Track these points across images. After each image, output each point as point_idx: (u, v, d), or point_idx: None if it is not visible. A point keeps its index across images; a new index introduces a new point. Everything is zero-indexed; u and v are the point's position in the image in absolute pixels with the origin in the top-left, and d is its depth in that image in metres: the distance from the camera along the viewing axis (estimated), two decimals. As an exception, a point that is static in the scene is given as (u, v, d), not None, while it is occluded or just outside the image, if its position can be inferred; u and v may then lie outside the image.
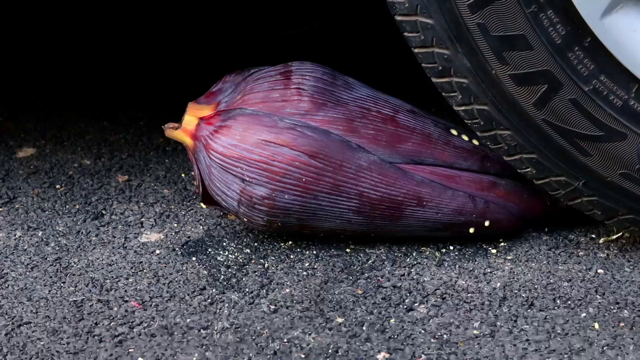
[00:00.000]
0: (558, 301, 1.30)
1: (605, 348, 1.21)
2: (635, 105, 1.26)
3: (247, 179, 1.33)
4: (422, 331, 1.24)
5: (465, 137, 1.42)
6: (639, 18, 1.23)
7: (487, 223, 1.38)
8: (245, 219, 1.36)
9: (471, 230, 1.39)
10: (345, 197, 1.34)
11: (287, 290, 1.32)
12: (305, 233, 1.39)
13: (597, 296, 1.31)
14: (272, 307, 1.28)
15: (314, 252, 1.40)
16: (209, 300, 1.29)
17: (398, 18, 1.27)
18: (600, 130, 1.27)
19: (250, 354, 1.19)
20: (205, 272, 1.35)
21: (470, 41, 1.25)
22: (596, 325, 1.25)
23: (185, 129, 1.39)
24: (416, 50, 1.29)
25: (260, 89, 1.36)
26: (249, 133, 1.33)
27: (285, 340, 1.22)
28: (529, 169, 1.33)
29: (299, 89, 1.35)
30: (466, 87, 1.29)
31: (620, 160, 1.29)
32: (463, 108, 1.31)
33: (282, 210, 1.34)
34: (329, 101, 1.36)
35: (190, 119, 1.39)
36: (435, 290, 1.32)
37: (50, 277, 1.34)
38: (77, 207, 1.51)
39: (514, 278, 1.34)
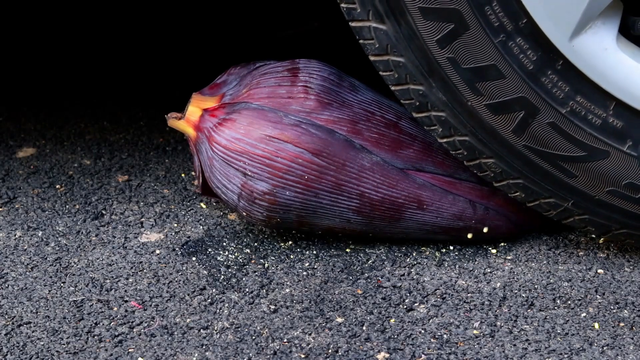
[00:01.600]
0: (558, 301, 1.30)
1: (605, 348, 1.21)
2: (614, 122, 1.25)
3: (249, 173, 1.33)
4: (422, 331, 1.24)
5: None
6: (608, 37, 1.22)
7: (485, 229, 1.38)
8: (245, 213, 1.36)
9: (469, 235, 1.39)
10: (346, 197, 1.34)
11: (287, 290, 1.32)
12: (304, 230, 1.39)
13: (597, 296, 1.31)
14: (272, 307, 1.28)
15: (314, 252, 1.40)
16: (209, 300, 1.29)
17: (371, 58, 1.29)
18: (582, 150, 1.27)
19: (250, 354, 1.19)
20: (205, 272, 1.35)
21: (443, 75, 1.25)
22: (596, 325, 1.25)
23: (188, 119, 1.39)
24: (393, 88, 1.30)
25: (267, 84, 1.36)
26: (253, 128, 1.33)
27: (285, 340, 1.22)
28: (517, 193, 1.33)
29: (305, 87, 1.35)
30: (445, 120, 1.29)
31: (606, 178, 1.28)
32: (445, 140, 1.31)
33: (282, 206, 1.34)
34: (334, 101, 1.36)
35: (194, 110, 1.39)
36: (435, 290, 1.32)
37: (50, 277, 1.34)
38: (77, 207, 1.51)
39: (514, 278, 1.34)
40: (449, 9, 1.21)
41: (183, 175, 1.60)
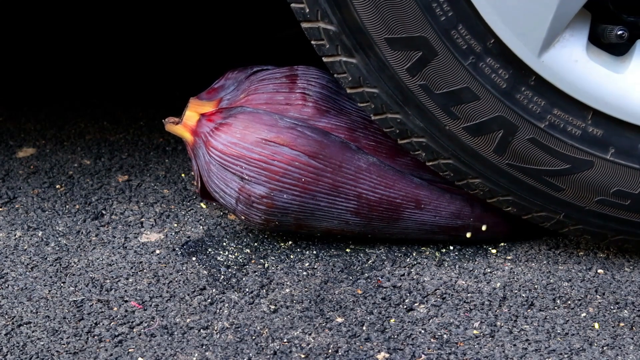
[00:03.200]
0: (558, 301, 1.30)
1: (605, 348, 1.21)
2: (594, 131, 1.25)
3: (246, 177, 1.33)
4: (422, 331, 1.24)
5: None
6: (578, 48, 1.22)
7: (484, 227, 1.38)
8: (243, 217, 1.36)
9: (468, 234, 1.39)
10: (344, 198, 1.34)
11: (287, 290, 1.32)
12: (302, 232, 1.39)
13: (597, 296, 1.31)
14: (272, 307, 1.28)
15: (314, 252, 1.40)
16: (209, 300, 1.29)
17: (348, 91, 1.29)
18: (566, 163, 1.27)
19: (250, 354, 1.19)
20: (205, 272, 1.35)
21: (417, 103, 1.25)
22: (596, 325, 1.25)
23: (185, 124, 1.39)
24: (373, 118, 1.30)
25: (265, 91, 1.36)
26: (249, 131, 1.33)
27: (285, 340, 1.22)
28: (510, 209, 1.33)
29: (303, 94, 1.36)
30: (426, 145, 1.29)
31: (593, 188, 1.28)
32: (432, 164, 1.32)
33: (280, 209, 1.34)
34: (332, 109, 1.36)
35: (191, 115, 1.39)
36: (435, 290, 1.32)
37: (50, 277, 1.34)
38: (77, 207, 1.51)
39: (514, 278, 1.34)
40: (414, 37, 1.20)
41: (183, 175, 1.60)
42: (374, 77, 1.25)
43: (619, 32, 1.23)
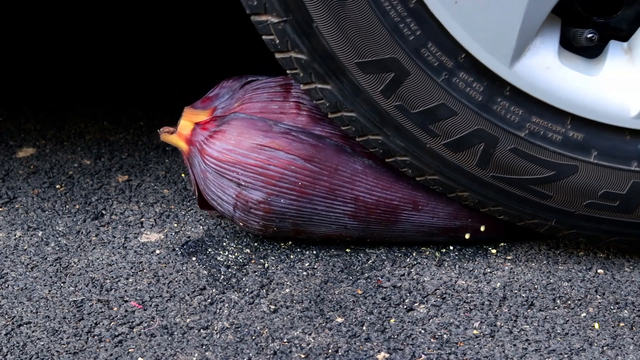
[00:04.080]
0: (558, 301, 1.30)
1: (605, 348, 1.21)
2: (575, 135, 1.24)
3: (243, 183, 1.33)
4: (422, 331, 1.24)
5: None
6: (549, 55, 1.22)
7: (482, 228, 1.38)
8: (241, 224, 1.36)
9: (467, 235, 1.39)
10: (341, 201, 1.34)
11: (287, 290, 1.32)
12: (301, 238, 1.39)
13: (597, 296, 1.31)
14: (272, 307, 1.28)
15: (314, 252, 1.40)
16: (209, 300, 1.29)
17: (329, 116, 1.29)
18: (550, 169, 1.26)
19: (250, 354, 1.19)
20: (205, 272, 1.35)
21: (395, 123, 1.26)
22: (596, 325, 1.25)
23: (180, 133, 1.40)
24: (357, 140, 1.30)
25: (259, 99, 1.37)
26: (244, 137, 1.33)
27: (285, 340, 1.22)
28: (502, 217, 1.33)
29: (297, 103, 1.36)
30: (410, 163, 1.29)
31: (580, 192, 1.28)
32: (419, 179, 1.32)
33: (278, 214, 1.33)
34: (326, 117, 1.36)
35: (185, 124, 1.39)
36: (435, 290, 1.32)
37: (50, 277, 1.34)
38: (77, 207, 1.51)
39: (514, 278, 1.34)
40: (385, 59, 1.20)
41: (183, 175, 1.60)
42: (350, 101, 1.25)
43: (589, 35, 1.22)
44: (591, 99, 1.23)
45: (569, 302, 1.30)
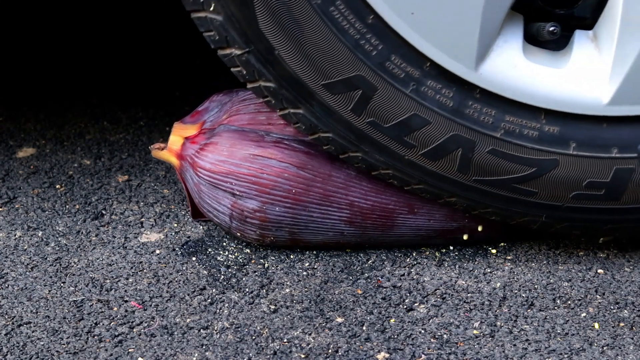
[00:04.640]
0: (558, 301, 1.30)
1: (605, 348, 1.21)
2: (551, 129, 1.24)
3: (238, 193, 1.33)
4: (422, 331, 1.24)
5: None
6: (514, 52, 1.21)
7: (480, 228, 1.38)
8: (239, 234, 1.37)
9: (465, 236, 1.38)
10: (336, 207, 1.34)
11: (287, 290, 1.32)
12: (299, 247, 1.39)
13: (597, 296, 1.31)
14: (272, 307, 1.28)
15: (314, 252, 1.40)
16: (209, 300, 1.29)
17: (309, 138, 1.30)
18: (530, 166, 1.26)
19: (250, 354, 1.19)
20: (205, 272, 1.35)
21: (371, 140, 1.26)
22: (596, 325, 1.25)
23: (170, 149, 1.40)
24: (341, 157, 1.30)
25: (247, 111, 1.37)
26: (236, 148, 1.33)
27: (285, 340, 1.22)
28: (494, 217, 1.33)
29: None
30: (394, 175, 1.30)
31: (565, 185, 1.27)
32: (407, 188, 1.32)
33: (274, 222, 1.33)
34: None
35: (175, 139, 1.40)
36: (435, 290, 1.32)
37: (50, 277, 1.34)
38: (77, 207, 1.51)
39: (514, 278, 1.34)
40: (350, 77, 1.20)
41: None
42: (323, 123, 1.25)
43: (551, 29, 1.21)
44: (562, 92, 1.22)
45: (569, 302, 1.30)
